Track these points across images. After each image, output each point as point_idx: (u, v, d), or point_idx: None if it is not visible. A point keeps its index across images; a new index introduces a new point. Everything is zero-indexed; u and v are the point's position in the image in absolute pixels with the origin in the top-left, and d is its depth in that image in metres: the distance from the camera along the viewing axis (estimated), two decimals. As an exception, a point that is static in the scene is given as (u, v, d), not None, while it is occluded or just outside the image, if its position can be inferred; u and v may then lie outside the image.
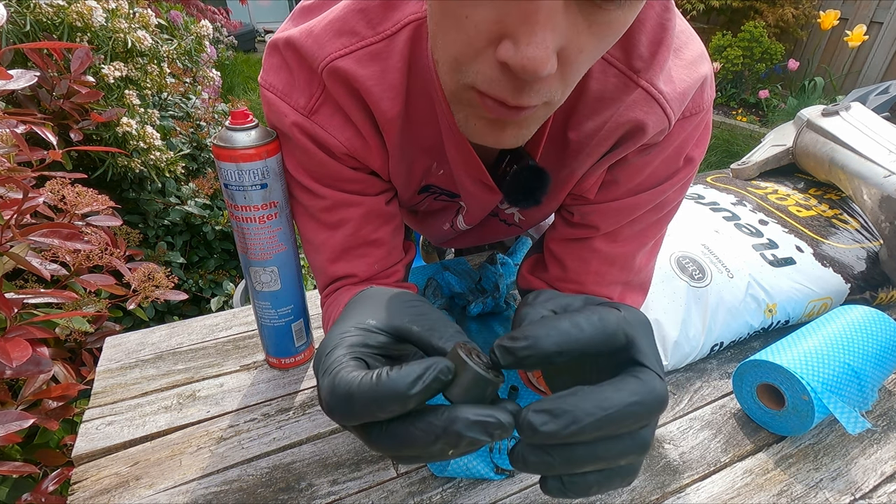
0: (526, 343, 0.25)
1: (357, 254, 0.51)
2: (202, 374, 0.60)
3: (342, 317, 0.34)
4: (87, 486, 0.47)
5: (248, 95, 3.87)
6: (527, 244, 0.87)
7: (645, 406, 0.24)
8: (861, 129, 0.85)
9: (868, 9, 3.35)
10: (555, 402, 0.24)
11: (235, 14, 4.11)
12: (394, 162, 0.48)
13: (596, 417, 0.23)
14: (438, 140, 0.46)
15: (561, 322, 0.26)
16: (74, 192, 0.72)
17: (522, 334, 0.25)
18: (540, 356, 0.25)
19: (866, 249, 0.80)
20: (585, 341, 0.25)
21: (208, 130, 1.42)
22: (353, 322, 0.32)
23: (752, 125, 3.36)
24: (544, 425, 0.23)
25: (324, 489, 0.48)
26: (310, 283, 1.54)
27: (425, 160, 0.49)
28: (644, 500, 0.49)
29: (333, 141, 0.45)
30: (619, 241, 0.51)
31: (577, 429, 0.23)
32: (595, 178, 0.48)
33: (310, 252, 0.53)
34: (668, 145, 0.46)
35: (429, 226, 0.69)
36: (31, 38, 0.93)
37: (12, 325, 0.58)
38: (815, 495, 0.50)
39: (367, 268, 0.51)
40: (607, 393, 0.24)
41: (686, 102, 0.44)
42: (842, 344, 0.56)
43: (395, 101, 0.42)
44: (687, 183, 0.50)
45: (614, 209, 0.50)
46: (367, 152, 0.46)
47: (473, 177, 0.48)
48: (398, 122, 0.44)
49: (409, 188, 0.53)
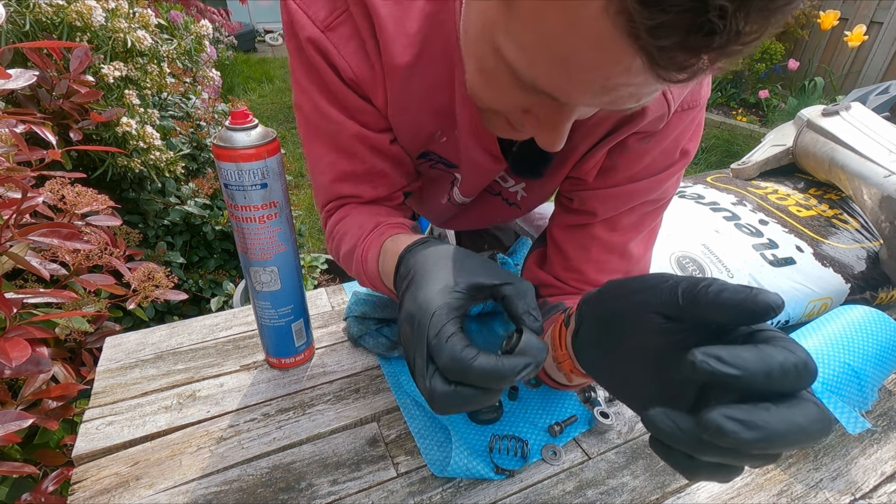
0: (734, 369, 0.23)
1: (363, 180, 0.53)
2: (202, 374, 0.60)
3: (425, 275, 0.37)
4: (87, 486, 0.47)
5: (248, 95, 3.87)
6: (527, 244, 0.87)
7: (820, 436, 0.23)
8: (861, 129, 0.85)
9: (868, 9, 3.35)
10: (748, 413, 0.23)
11: (235, 14, 4.10)
12: (393, 112, 0.48)
13: (785, 439, 0.23)
14: (449, 106, 0.47)
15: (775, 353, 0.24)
16: (74, 191, 0.72)
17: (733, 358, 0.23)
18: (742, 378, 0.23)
19: (866, 249, 0.80)
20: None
21: (208, 130, 1.42)
22: (444, 283, 0.35)
23: (752, 125, 3.36)
24: (735, 434, 0.22)
25: (324, 489, 0.48)
26: (310, 283, 1.54)
27: (432, 125, 0.50)
28: (644, 500, 0.49)
29: (343, 63, 0.45)
30: (617, 230, 0.53)
31: (765, 444, 0.22)
32: (595, 162, 0.50)
33: (314, 170, 0.54)
34: (666, 136, 0.48)
35: (426, 202, 0.69)
36: (31, 37, 0.93)
37: (12, 325, 0.58)
38: (815, 495, 0.50)
39: (372, 192, 0.53)
40: (797, 418, 0.23)
41: (685, 93, 0.45)
42: (842, 344, 0.56)
43: (407, 49, 0.43)
44: (681, 175, 0.53)
45: (612, 195, 0.51)
46: (373, 87, 0.46)
47: (482, 146, 0.49)
48: (404, 73, 0.44)
49: (411, 146, 0.53)
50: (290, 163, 2.65)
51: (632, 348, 0.32)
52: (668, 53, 0.23)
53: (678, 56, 0.23)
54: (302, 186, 2.71)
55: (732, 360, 0.23)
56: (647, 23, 0.22)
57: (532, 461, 0.52)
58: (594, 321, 0.36)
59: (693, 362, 0.24)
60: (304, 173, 2.83)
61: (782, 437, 0.22)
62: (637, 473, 0.51)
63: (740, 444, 0.22)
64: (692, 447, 0.25)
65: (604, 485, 0.50)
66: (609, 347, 0.35)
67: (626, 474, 0.51)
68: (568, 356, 0.41)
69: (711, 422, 0.23)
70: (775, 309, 0.24)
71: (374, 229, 0.50)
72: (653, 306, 0.30)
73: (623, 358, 0.33)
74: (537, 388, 0.60)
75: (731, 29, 0.21)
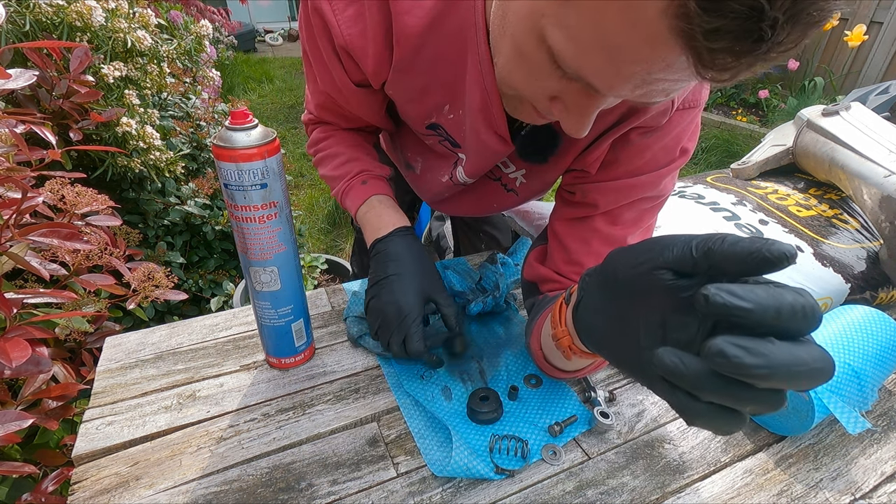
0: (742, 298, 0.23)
1: (341, 118, 0.65)
2: (202, 374, 0.60)
3: (403, 277, 0.57)
4: (87, 486, 0.47)
5: (248, 95, 3.87)
6: (527, 244, 0.87)
7: (823, 374, 0.23)
8: (861, 128, 0.85)
9: (868, 9, 3.35)
10: (752, 342, 0.23)
11: (235, 14, 4.11)
12: (398, 76, 0.51)
13: (788, 370, 0.23)
14: (456, 82, 0.49)
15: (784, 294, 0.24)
16: (74, 191, 0.72)
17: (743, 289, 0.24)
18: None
19: (866, 249, 0.80)
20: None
21: (208, 130, 1.42)
22: (415, 295, 0.56)
23: (752, 125, 3.36)
24: (738, 358, 0.23)
25: (324, 489, 0.48)
26: (310, 283, 1.54)
27: (439, 95, 0.52)
28: (644, 500, 0.49)
29: (336, 30, 0.48)
30: (618, 224, 0.54)
31: (768, 373, 0.22)
32: (598, 154, 0.52)
33: (308, 83, 0.63)
34: (667, 133, 0.50)
35: (428, 180, 0.72)
36: (31, 37, 0.93)
37: (12, 325, 0.58)
38: (815, 495, 0.50)
39: (348, 125, 0.67)
40: (801, 353, 0.23)
41: (687, 91, 0.47)
42: (842, 344, 0.56)
43: (420, 21, 0.45)
44: (677, 173, 0.55)
45: (614, 188, 0.53)
46: (363, 53, 0.49)
47: (490, 126, 0.51)
48: (414, 42, 0.46)
49: (416, 109, 0.56)
50: (290, 163, 2.65)
51: (637, 310, 0.31)
52: (716, 55, 0.25)
53: (725, 59, 0.25)
54: (302, 186, 2.71)
55: (745, 295, 0.23)
56: (705, 26, 0.24)
57: (532, 461, 0.52)
58: (598, 287, 0.36)
59: (706, 296, 0.24)
60: (304, 173, 2.83)
61: (785, 367, 0.22)
62: (637, 473, 0.51)
63: (742, 371, 0.23)
64: (694, 384, 0.25)
65: (604, 485, 0.50)
66: (612, 312, 0.34)
67: (626, 474, 0.51)
68: (567, 332, 0.42)
69: (715, 346, 0.23)
70: (789, 257, 0.24)
71: (358, 175, 0.64)
72: (664, 262, 0.29)
73: (627, 321, 0.32)
74: (537, 389, 0.60)
75: (777, 38, 0.24)
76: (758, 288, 0.24)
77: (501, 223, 1.06)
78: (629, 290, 0.32)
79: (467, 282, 0.74)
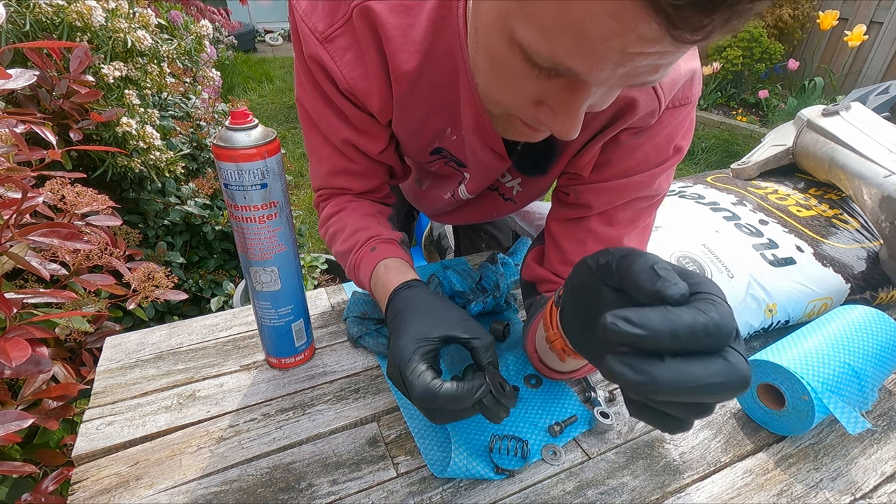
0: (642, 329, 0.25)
1: (354, 176, 0.60)
2: (202, 374, 0.60)
3: (406, 322, 0.46)
4: (87, 486, 0.47)
5: (248, 95, 3.87)
6: (527, 244, 0.87)
7: (726, 388, 0.25)
8: (861, 128, 0.85)
9: (868, 9, 3.35)
10: (637, 361, 0.26)
11: (235, 14, 4.10)
12: (400, 112, 0.51)
13: (672, 385, 0.25)
14: (454, 103, 0.49)
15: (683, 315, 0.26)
16: (74, 191, 0.72)
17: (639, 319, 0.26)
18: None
19: (866, 249, 0.80)
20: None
21: (208, 130, 1.42)
22: (419, 333, 0.45)
23: (752, 125, 3.36)
24: (623, 375, 0.25)
25: (324, 489, 0.48)
26: (310, 283, 1.54)
27: (440, 121, 0.52)
28: (644, 500, 0.49)
29: (339, 74, 0.48)
30: (613, 225, 0.54)
31: (654, 388, 0.24)
32: (590, 157, 0.52)
33: (312, 156, 0.61)
34: (658, 132, 0.50)
35: (431, 197, 0.72)
36: (31, 37, 0.93)
37: (12, 325, 0.58)
38: (815, 495, 0.50)
39: (362, 186, 0.62)
40: (693, 369, 0.25)
41: (675, 90, 0.47)
42: (842, 344, 0.56)
43: (413, 56, 0.45)
44: (673, 172, 0.55)
45: (607, 189, 0.53)
46: (368, 94, 0.50)
47: (485, 143, 0.51)
48: (411, 77, 0.47)
49: (419, 141, 0.56)
50: (290, 163, 2.65)
51: (596, 315, 0.33)
52: (682, 13, 0.24)
53: (693, 16, 0.24)
54: (302, 186, 2.71)
55: (639, 321, 0.25)
56: None
57: (532, 461, 0.52)
58: (568, 294, 0.39)
59: (604, 324, 0.26)
60: (304, 173, 2.83)
61: (669, 384, 0.24)
62: (637, 473, 0.51)
63: (629, 387, 0.25)
64: (633, 392, 0.28)
65: (604, 485, 0.50)
66: (582, 318, 0.37)
67: (626, 474, 0.51)
68: (559, 335, 0.43)
69: (605, 362, 0.26)
70: (676, 296, 0.26)
71: (367, 242, 0.58)
72: (601, 279, 0.33)
73: (591, 326, 0.35)
74: (537, 389, 0.60)
75: None
76: (653, 313, 0.25)
77: (502, 223, 1.06)
78: (587, 299, 0.35)
79: (467, 282, 0.74)
